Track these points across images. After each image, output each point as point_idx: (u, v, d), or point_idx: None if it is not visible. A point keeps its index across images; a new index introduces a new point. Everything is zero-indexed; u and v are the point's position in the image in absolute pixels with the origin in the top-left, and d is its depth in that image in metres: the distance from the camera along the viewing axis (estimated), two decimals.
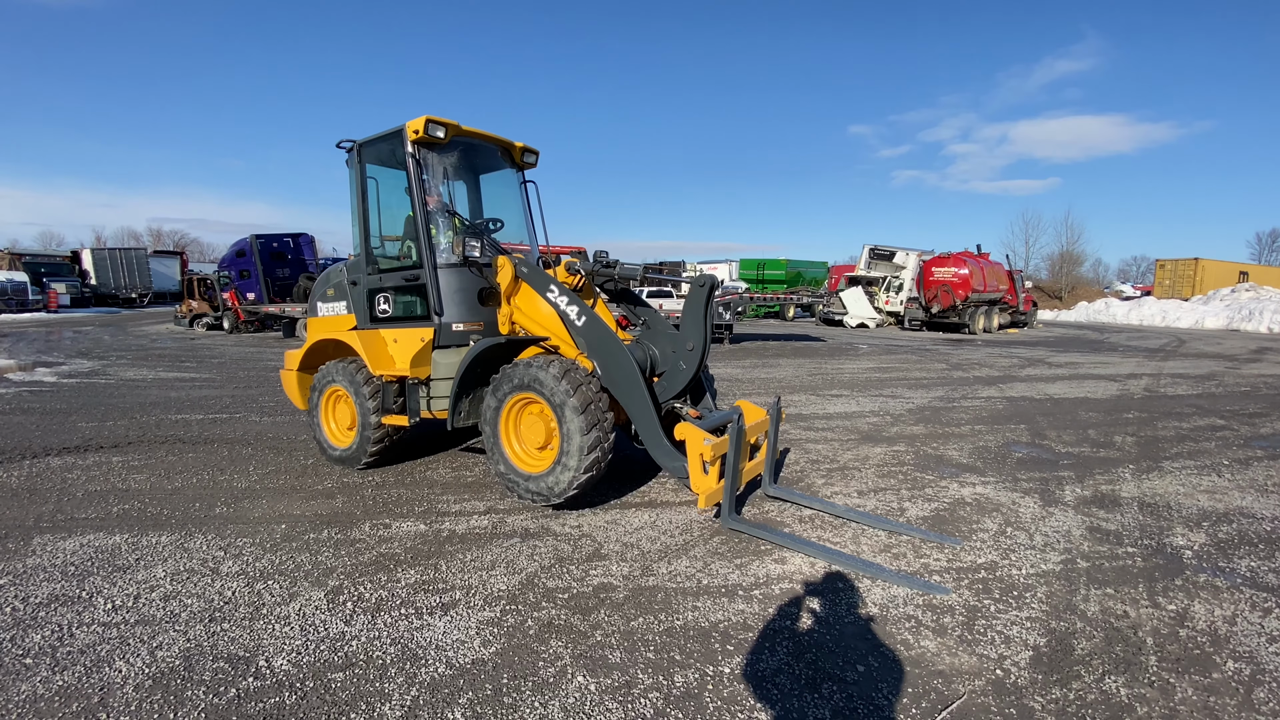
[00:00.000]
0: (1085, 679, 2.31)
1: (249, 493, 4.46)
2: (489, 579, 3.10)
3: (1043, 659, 2.44)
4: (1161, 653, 2.49)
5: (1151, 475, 5.03)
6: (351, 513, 4.07)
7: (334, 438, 5.13)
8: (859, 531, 3.78)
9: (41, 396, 7.96)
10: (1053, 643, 2.56)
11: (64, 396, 7.98)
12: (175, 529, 3.74)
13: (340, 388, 4.95)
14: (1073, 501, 4.37)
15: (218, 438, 6.00)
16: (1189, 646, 2.53)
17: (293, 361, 5.49)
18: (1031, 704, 2.17)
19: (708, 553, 3.45)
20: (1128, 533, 3.81)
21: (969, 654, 2.47)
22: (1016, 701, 2.18)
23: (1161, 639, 2.59)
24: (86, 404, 7.49)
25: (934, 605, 2.86)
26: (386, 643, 2.53)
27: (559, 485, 3.78)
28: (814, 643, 2.56)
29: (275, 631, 2.60)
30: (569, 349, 4.30)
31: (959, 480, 4.85)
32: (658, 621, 2.71)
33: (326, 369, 5.08)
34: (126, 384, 9.14)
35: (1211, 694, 2.23)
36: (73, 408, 7.25)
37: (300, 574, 3.14)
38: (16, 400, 7.71)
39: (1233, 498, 4.50)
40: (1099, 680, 2.31)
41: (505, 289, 4.58)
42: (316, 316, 5.48)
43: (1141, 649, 2.51)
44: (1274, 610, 2.85)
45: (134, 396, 8.06)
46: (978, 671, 2.35)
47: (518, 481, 4.02)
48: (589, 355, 4.11)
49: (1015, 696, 2.21)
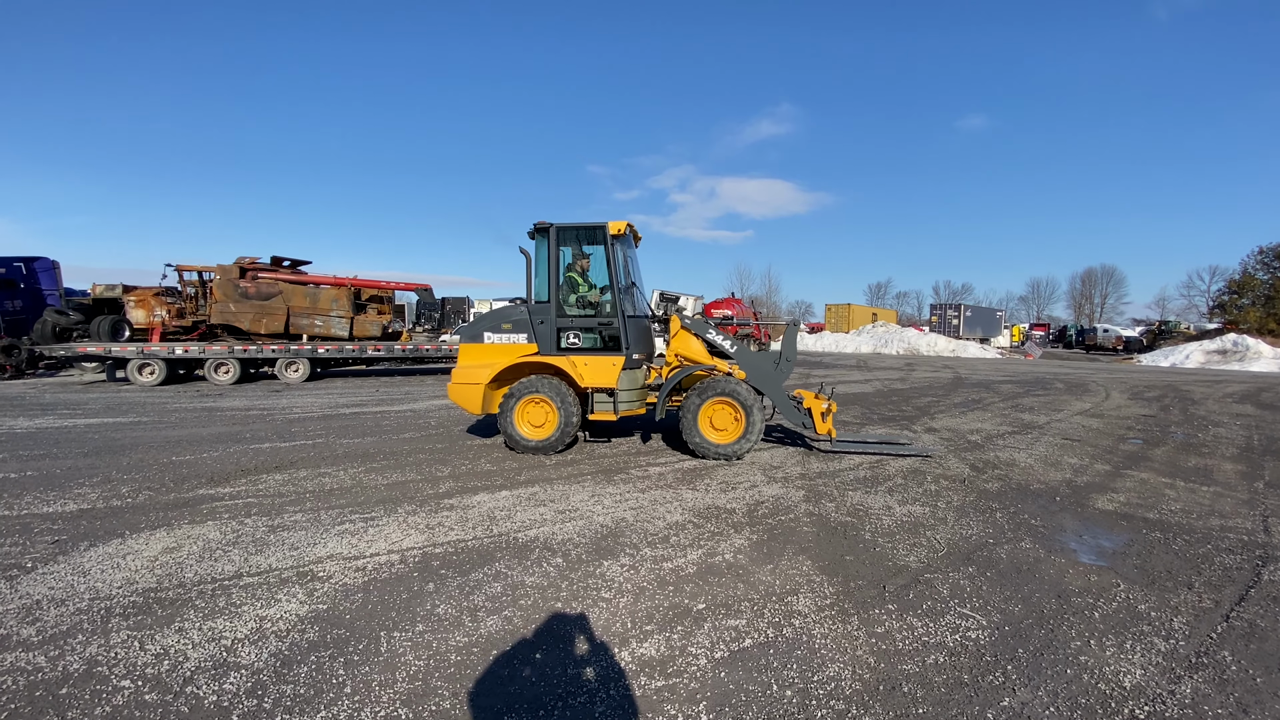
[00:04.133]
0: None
1: (498, 474, 6.49)
2: (657, 482, 6.17)
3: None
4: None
5: (939, 418, 10.06)
6: (549, 473, 6.55)
7: (527, 433, 7.14)
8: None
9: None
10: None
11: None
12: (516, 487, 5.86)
13: (538, 396, 7.04)
14: (922, 430, 8.98)
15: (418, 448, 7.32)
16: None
17: (479, 376, 7.17)
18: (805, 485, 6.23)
19: (791, 464, 6.99)
20: (947, 442, 8.42)
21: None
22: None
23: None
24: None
25: (881, 465, 6.85)
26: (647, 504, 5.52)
27: (742, 449, 6.78)
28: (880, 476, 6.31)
29: (597, 502, 5.36)
30: (719, 367, 7.25)
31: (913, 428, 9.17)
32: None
33: (529, 382, 7.06)
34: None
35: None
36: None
37: (587, 485, 5.78)
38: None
39: (968, 423, 9.64)
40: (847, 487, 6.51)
41: (672, 333, 7.46)
42: (481, 343, 7.34)
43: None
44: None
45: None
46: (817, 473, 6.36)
47: (709, 447, 6.78)
48: (743, 368, 7.22)
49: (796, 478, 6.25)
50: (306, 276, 16.84)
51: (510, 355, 7.22)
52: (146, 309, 15.67)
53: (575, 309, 7.26)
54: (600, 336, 7.11)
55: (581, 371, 7.05)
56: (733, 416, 6.86)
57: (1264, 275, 51.46)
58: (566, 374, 7.13)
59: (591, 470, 6.38)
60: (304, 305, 16.17)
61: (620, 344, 7.01)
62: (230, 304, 15.52)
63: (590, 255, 7.62)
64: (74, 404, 11.12)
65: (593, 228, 7.12)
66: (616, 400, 7.03)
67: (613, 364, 7.00)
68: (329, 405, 11.25)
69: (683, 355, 7.48)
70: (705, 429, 6.89)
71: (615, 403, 7.04)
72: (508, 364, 7.20)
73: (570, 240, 7.26)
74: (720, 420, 6.92)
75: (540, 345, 7.16)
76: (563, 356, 7.11)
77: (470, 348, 7.39)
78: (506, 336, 7.28)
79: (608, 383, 6.99)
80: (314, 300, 16.30)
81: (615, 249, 7.04)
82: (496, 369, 7.19)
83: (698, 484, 5.89)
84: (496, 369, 7.19)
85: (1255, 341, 28.62)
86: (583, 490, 5.63)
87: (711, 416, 6.91)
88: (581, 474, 6.22)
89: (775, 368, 7.28)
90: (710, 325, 7.47)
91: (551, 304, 7.12)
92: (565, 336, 7.13)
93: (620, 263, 7.10)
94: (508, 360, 7.22)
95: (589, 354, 7.08)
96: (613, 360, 7.01)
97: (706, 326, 7.45)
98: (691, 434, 6.83)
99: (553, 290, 7.13)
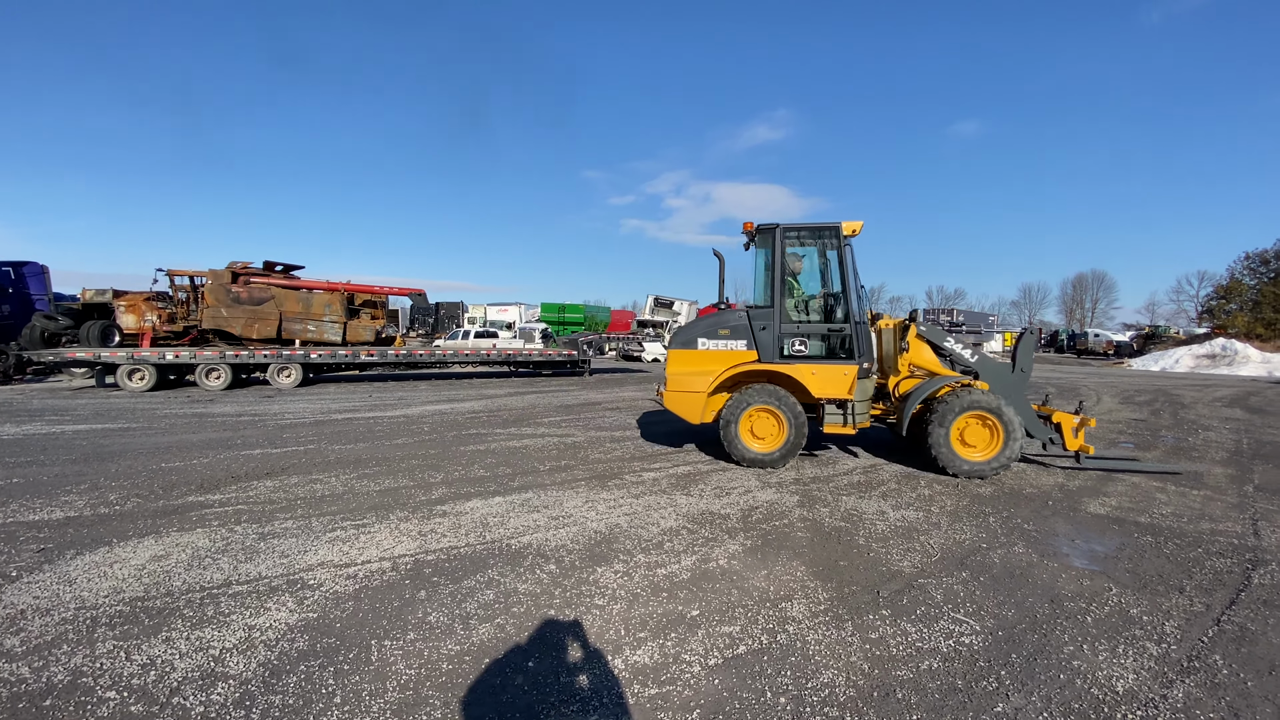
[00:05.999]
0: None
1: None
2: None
3: None
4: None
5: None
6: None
7: (753, 444, 6.77)
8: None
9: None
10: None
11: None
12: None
13: (766, 406, 6.68)
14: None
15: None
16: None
17: (699, 384, 6.92)
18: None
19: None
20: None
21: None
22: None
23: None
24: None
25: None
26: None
27: (999, 466, 6.22)
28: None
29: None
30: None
31: None
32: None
33: (757, 391, 6.70)
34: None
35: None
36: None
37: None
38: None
39: None
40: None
41: (910, 342, 6.96)
42: (695, 350, 7.00)
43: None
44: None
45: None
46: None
47: (960, 462, 6.28)
48: (984, 378, 6.69)
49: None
50: (299, 281, 16.78)
51: (729, 362, 6.91)
52: (137, 314, 15.55)
53: (800, 314, 6.98)
54: (828, 343, 6.77)
55: (812, 381, 6.71)
56: (987, 432, 6.37)
57: (1251, 281, 52.01)
58: (793, 383, 6.80)
59: (585, 476, 6.35)
60: (296, 310, 16.10)
61: (853, 352, 6.64)
62: (222, 309, 15.44)
63: (803, 258, 7.30)
64: (62, 410, 11.01)
65: (823, 228, 6.82)
66: (853, 412, 6.67)
67: (844, 373, 6.60)
68: (321, 411, 11.18)
69: (918, 365, 7.04)
70: (956, 444, 6.39)
71: (852, 415, 6.67)
72: (732, 372, 6.89)
73: (793, 242, 6.96)
74: (972, 436, 6.40)
75: (760, 353, 6.83)
76: (790, 365, 6.76)
77: (683, 354, 7.08)
78: (723, 343, 6.94)
79: (839, 393, 6.60)
80: (307, 305, 16.23)
81: (847, 250, 6.66)
82: (719, 376, 6.90)
83: (692, 489, 5.87)
84: (719, 376, 6.90)
85: (1243, 346, 28.92)
86: (577, 496, 5.60)
87: (963, 431, 6.42)
88: (575, 480, 6.20)
89: (1013, 378, 6.88)
90: (946, 333, 7.18)
91: (775, 309, 6.76)
92: (790, 343, 6.79)
93: (852, 265, 6.69)
94: (730, 367, 6.89)
95: (816, 362, 6.72)
96: (844, 369, 6.60)
97: (944, 334, 7.09)
98: (941, 449, 6.35)
99: (777, 294, 6.76)
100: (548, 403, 12.84)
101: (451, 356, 17.95)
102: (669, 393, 7.11)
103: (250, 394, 13.99)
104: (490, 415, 10.80)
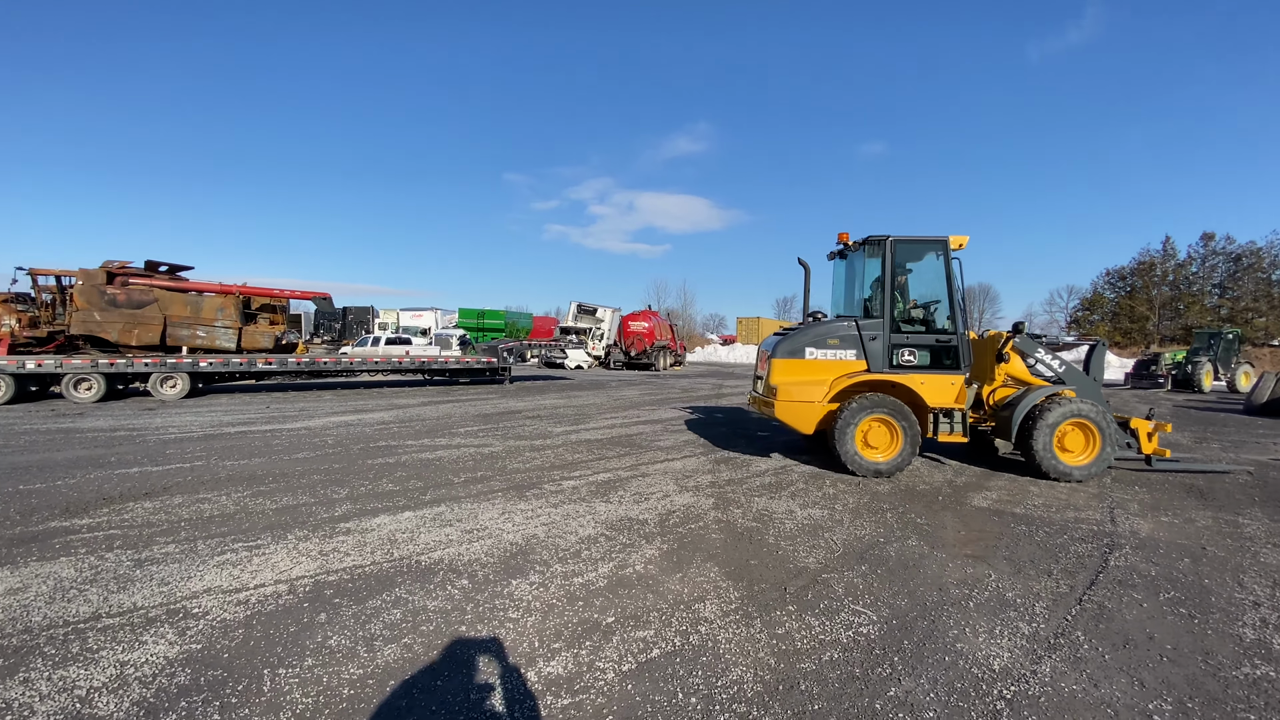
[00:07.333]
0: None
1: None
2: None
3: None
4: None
5: None
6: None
7: (869, 454, 6.80)
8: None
9: None
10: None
11: None
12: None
13: (882, 415, 6.73)
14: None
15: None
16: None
17: (814, 394, 6.95)
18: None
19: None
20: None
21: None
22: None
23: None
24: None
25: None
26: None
27: (1095, 471, 6.65)
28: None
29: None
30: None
31: None
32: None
33: (873, 400, 6.73)
34: None
35: None
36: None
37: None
38: None
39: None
40: None
41: (1008, 353, 7.26)
42: (803, 359, 7.03)
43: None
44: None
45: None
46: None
47: (1061, 469, 6.61)
48: (1071, 386, 7.05)
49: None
50: (187, 283, 15.44)
51: (839, 371, 6.98)
52: None
53: (910, 325, 7.06)
54: (933, 354, 6.92)
55: (924, 390, 6.84)
56: (1083, 438, 6.78)
57: (1110, 294, 58.71)
58: (906, 393, 6.91)
59: (503, 487, 6.23)
60: (184, 314, 14.80)
61: (959, 362, 6.86)
62: (95, 312, 13.95)
63: (911, 270, 7.45)
64: None
65: (931, 241, 6.97)
66: (963, 421, 6.87)
67: (951, 383, 6.86)
68: (211, 424, 10.33)
69: (1012, 375, 7.37)
70: (1059, 451, 6.73)
71: (962, 424, 6.87)
72: (847, 382, 6.91)
73: (902, 253, 7.06)
74: (1071, 442, 6.78)
75: (870, 362, 6.92)
76: (901, 374, 6.88)
77: (790, 363, 7.09)
78: (832, 353, 7.01)
79: (947, 402, 6.84)
80: (195, 309, 14.96)
81: (955, 263, 6.88)
82: (833, 386, 6.95)
83: (611, 496, 5.89)
84: (833, 386, 6.95)
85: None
86: (492, 508, 5.48)
87: (1062, 438, 6.76)
88: (492, 491, 6.06)
89: (1094, 386, 7.29)
90: (1039, 344, 7.37)
91: (885, 319, 6.88)
92: (899, 353, 6.89)
93: (959, 277, 6.91)
94: (843, 376, 6.95)
95: (924, 372, 6.88)
96: (951, 379, 6.86)
97: (1035, 345, 7.35)
98: (1044, 455, 6.66)
99: (888, 305, 6.88)
100: (464, 412, 12.49)
101: (360, 364, 17.10)
102: (780, 403, 7.07)
103: (128, 406, 12.71)
104: (402, 426, 10.37)
